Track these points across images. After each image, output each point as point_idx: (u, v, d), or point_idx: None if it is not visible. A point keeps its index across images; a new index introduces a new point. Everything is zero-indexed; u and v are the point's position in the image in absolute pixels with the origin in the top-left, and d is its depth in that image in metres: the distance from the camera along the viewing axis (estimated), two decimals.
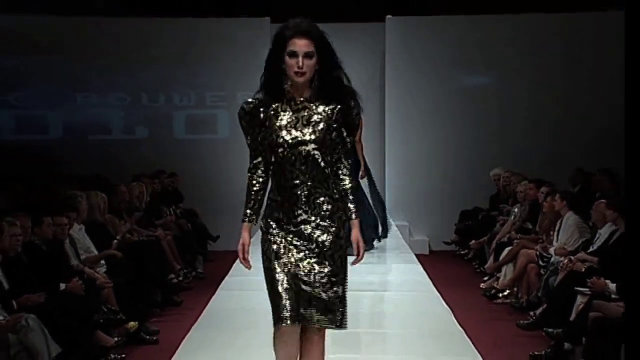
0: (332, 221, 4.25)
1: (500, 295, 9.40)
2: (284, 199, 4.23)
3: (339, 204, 4.29)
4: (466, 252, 12.03)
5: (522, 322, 8.08)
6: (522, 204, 10.50)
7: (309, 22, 4.20)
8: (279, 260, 4.20)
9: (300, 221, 4.22)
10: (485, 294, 9.60)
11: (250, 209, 4.34)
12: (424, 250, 12.83)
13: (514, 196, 11.04)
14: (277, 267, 4.19)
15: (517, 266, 9.21)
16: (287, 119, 4.22)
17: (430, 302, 8.27)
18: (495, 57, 13.50)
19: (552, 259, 8.57)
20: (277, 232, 4.24)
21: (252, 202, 4.35)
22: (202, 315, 7.78)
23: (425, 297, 8.46)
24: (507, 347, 7.41)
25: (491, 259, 10.31)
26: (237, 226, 4.45)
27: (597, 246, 8.05)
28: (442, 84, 13.57)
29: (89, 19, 13.46)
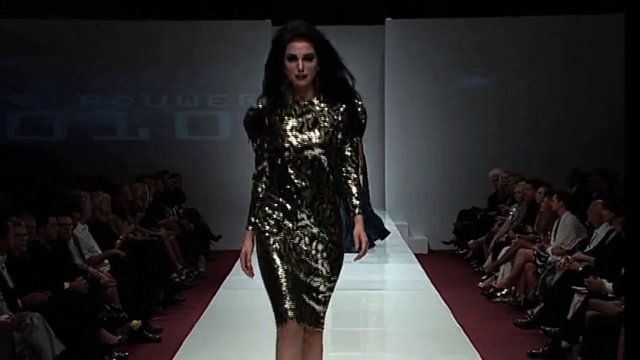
0: (333, 228, 4.19)
1: (498, 294, 9.42)
2: (286, 202, 4.16)
3: (340, 211, 4.25)
4: (465, 252, 12.03)
5: (520, 320, 8.09)
6: (520, 204, 10.50)
7: (306, 25, 4.13)
8: (280, 261, 4.13)
9: (301, 225, 4.16)
10: (483, 293, 9.61)
11: (255, 216, 4.24)
12: (423, 249, 12.82)
13: (512, 196, 11.03)
14: (278, 269, 4.12)
15: (515, 265, 9.21)
16: (292, 123, 4.15)
17: (429, 301, 8.30)
18: (494, 60, 13.51)
19: (549, 259, 8.58)
20: (276, 233, 4.16)
21: (256, 210, 4.24)
22: (204, 313, 7.81)
23: (424, 296, 8.49)
24: (505, 345, 7.42)
25: (489, 258, 10.30)
26: (238, 226, 4.41)
27: (594, 246, 8.05)
28: (442, 85, 13.58)
29: (93, 22, 13.48)
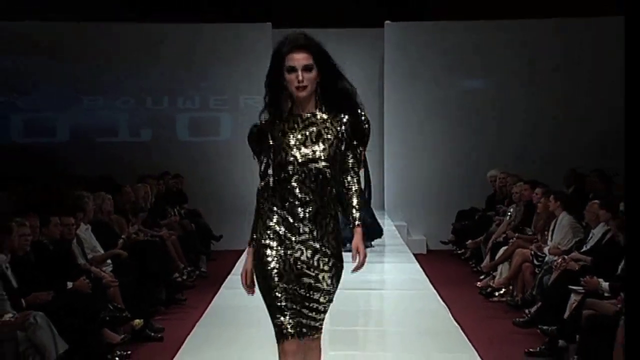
0: (335, 241, 4.12)
1: (496, 293, 9.45)
2: (289, 215, 4.07)
3: (338, 223, 4.17)
4: (463, 252, 12.06)
5: (518, 320, 8.10)
6: (518, 205, 10.53)
7: (304, 36, 4.07)
8: (279, 278, 4.06)
9: (303, 239, 4.08)
10: (481, 293, 9.65)
11: (257, 232, 4.15)
12: (422, 249, 12.87)
13: (510, 197, 11.06)
14: (278, 286, 4.05)
15: (512, 265, 9.24)
16: (295, 136, 4.07)
17: (427, 300, 8.33)
18: (493, 62, 13.56)
19: (546, 258, 8.62)
20: (276, 247, 4.08)
21: (259, 225, 4.15)
22: (205, 313, 7.83)
23: (423, 296, 8.52)
24: (502, 344, 7.47)
25: (487, 258, 10.34)
26: (239, 226, 4.47)
27: (590, 246, 8.09)
28: (441, 88, 13.63)
29: (96, 24, 13.53)
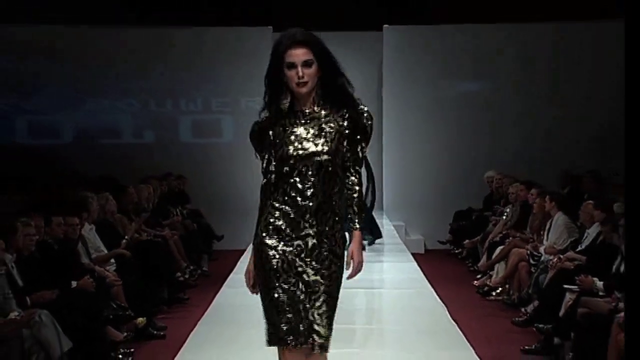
0: (334, 239, 4.03)
1: (492, 292, 9.52)
2: (290, 210, 3.98)
3: (342, 222, 4.08)
4: (460, 251, 12.10)
5: (517, 319, 8.15)
6: (514, 205, 10.59)
7: (303, 31, 3.99)
8: (278, 279, 3.98)
9: (304, 234, 3.99)
10: (478, 291, 9.72)
11: (259, 230, 4.07)
12: (420, 249, 12.90)
13: (506, 197, 11.13)
14: (277, 287, 3.98)
15: (508, 264, 9.30)
16: (297, 131, 3.99)
17: (425, 299, 8.39)
18: (490, 65, 13.60)
19: (542, 258, 8.69)
20: (275, 244, 4.00)
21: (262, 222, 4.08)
22: (207, 311, 7.91)
23: (420, 294, 8.59)
24: (499, 342, 7.54)
25: (484, 257, 10.40)
26: (240, 226, 4.52)
27: (585, 245, 8.15)
28: (438, 91, 13.69)
29: (99, 28, 13.60)
